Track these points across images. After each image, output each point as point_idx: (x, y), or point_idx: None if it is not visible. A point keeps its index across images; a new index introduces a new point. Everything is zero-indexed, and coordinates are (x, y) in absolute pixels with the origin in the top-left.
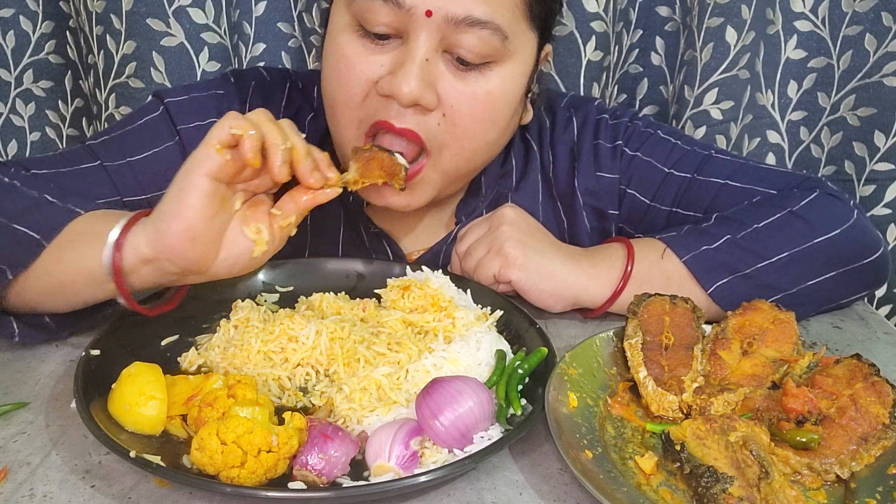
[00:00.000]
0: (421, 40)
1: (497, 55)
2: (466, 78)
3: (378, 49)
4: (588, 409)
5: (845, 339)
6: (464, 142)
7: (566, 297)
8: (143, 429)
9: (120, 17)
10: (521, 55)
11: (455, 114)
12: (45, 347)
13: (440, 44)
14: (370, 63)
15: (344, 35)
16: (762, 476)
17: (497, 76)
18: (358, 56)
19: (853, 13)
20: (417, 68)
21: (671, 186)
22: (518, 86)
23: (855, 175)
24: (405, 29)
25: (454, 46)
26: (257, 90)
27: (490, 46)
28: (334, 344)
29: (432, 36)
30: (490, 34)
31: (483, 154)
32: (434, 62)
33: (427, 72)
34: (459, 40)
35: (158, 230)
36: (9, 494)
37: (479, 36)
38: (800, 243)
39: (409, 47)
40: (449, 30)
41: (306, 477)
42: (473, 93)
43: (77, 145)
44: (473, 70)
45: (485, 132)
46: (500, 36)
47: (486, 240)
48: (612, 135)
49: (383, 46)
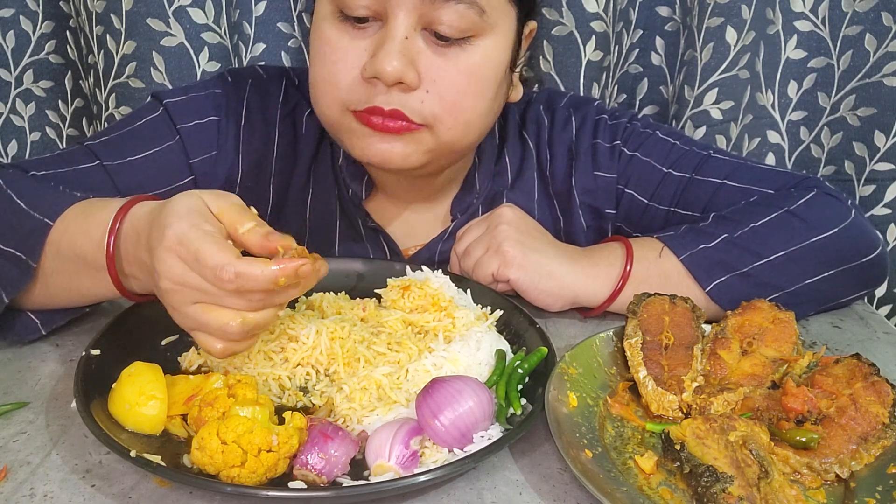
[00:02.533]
0: (399, 20)
1: (476, 29)
2: (447, 53)
3: (360, 34)
4: (588, 409)
5: (845, 339)
6: (454, 114)
7: (565, 296)
8: (144, 428)
9: (120, 17)
10: (501, 28)
11: (439, 89)
12: (46, 347)
13: (418, 21)
14: (354, 48)
15: (326, 21)
16: (762, 475)
17: (478, 49)
18: (341, 41)
19: (853, 13)
20: (398, 46)
21: (669, 186)
22: (501, 58)
23: (855, 175)
24: (384, 11)
25: (432, 23)
26: (254, 88)
27: (468, 20)
28: (334, 344)
29: (410, 14)
30: (466, 8)
31: (477, 126)
32: (413, 40)
33: (407, 49)
34: (437, 16)
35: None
36: (9, 494)
37: (456, 10)
38: (797, 242)
39: (388, 27)
40: (426, 7)
41: (306, 476)
42: (455, 67)
43: (75, 146)
44: (454, 45)
45: (474, 105)
46: (476, 10)
47: (484, 239)
48: (611, 135)
49: (365, 30)
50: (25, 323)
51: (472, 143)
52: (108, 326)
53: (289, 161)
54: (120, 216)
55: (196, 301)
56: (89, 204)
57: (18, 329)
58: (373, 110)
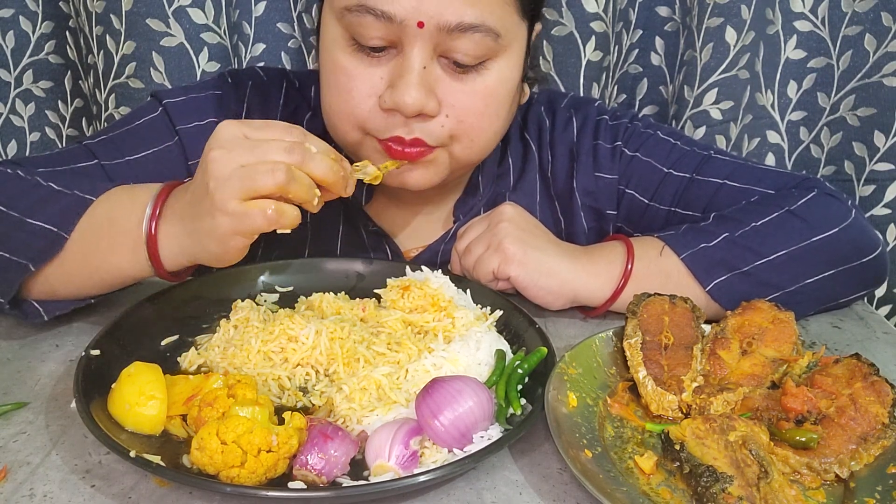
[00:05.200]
0: (416, 50)
1: (491, 53)
2: (464, 79)
3: (375, 62)
4: (588, 409)
5: (845, 339)
6: (472, 135)
7: (565, 294)
8: (143, 429)
9: (120, 17)
10: (514, 46)
11: (458, 113)
12: (45, 347)
13: (435, 50)
14: (370, 76)
15: (338, 48)
16: (761, 475)
17: (494, 71)
18: (356, 70)
19: (853, 13)
20: (416, 78)
21: (670, 186)
22: (514, 75)
23: (855, 175)
24: (398, 40)
25: (449, 51)
26: (255, 90)
27: (484, 47)
28: (334, 344)
29: (426, 45)
30: (482, 36)
31: (492, 143)
32: (431, 69)
33: (426, 79)
34: (454, 45)
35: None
36: (9, 494)
37: (472, 39)
38: (797, 241)
39: (405, 58)
40: (442, 37)
41: (306, 477)
42: (473, 91)
43: (74, 145)
44: (471, 71)
45: (490, 124)
46: (492, 36)
47: (485, 237)
48: (612, 135)
49: (380, 59)
50: (28, 309)
51: (485, 156)
52: (108, 326)
53: None
54: (169, 186)
55: (244, 163)
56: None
57: (25, 309)
58: (394, 140)
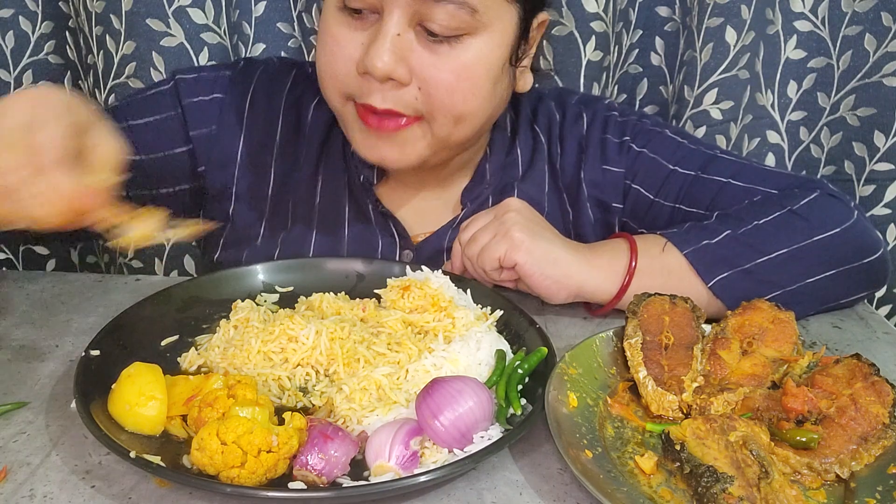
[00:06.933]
0: (393, 16)
1: (467, 28)
2: (437, 50)
3: (358, 25)
4: (588, 409)
5: (845, 339)
6: (445, 111)
7: (569, 285)
8: (143, 429)
9: (119, 17)
10: (497, 26)
11: (429, 86)
12: (45, 347)
13: (412, 18)
14: (351, 40)
15: (330, 11)
16: (762, 476)
17: (470, 48)
18: (341, 33)
19: (853, 13)
20: (388, 43)
21: (675, 183)
22: (495, 56)
23: (855, 175)
24: (380, 4)
25: (425, 20)
26: (263, 75)
27: (458, 20)
28: (334, 344)
29: (404, 12)
30: (457, 8)
31: (471, 121)
32: (405, 36)
33: (398, 46)
34: (429, 14)
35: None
36: (9, 495)
37: (447, 10)
38: (799, 241)
39: (382, 23)
40: (419, 4)
41: (306, 477)
42: (446, 65)
43: None
44: (444, 43)
45: (464, 102)
46: (467, 9)
47: (492, 226)
48: (620, 131)
49: (363, 22)
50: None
51: (470, 137)
52: (108, 327)
53: (293, 147)
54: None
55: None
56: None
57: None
58: (367, 108)
